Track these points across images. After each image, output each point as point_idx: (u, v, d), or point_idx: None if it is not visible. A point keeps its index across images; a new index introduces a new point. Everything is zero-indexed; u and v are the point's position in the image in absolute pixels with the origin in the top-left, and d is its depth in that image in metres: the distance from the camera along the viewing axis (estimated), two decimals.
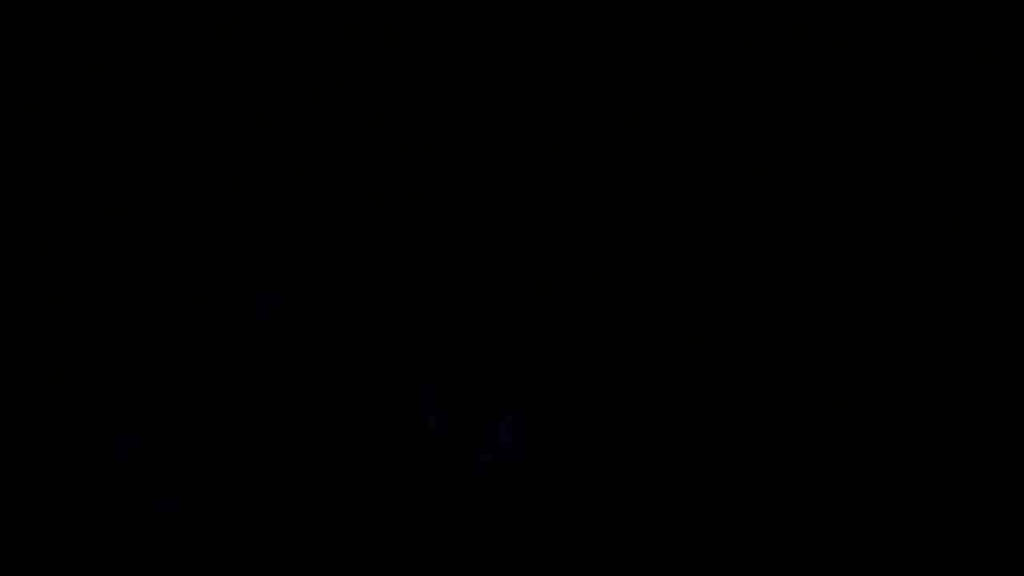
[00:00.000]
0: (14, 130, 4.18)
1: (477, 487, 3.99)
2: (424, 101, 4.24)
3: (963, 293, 4.10)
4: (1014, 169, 4.15)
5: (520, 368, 4.11)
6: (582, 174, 4.22)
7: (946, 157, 4.18)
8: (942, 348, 4.07)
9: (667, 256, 4.17)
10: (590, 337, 4.13)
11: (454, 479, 4.00)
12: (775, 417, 4.05)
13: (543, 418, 4.07)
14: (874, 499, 3.98)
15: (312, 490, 3.99)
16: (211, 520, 3.95)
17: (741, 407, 4.06)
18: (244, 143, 4.22)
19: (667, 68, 4.22)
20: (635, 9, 4.23)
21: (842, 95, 4.21)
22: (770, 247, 4.16)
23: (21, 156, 4.17)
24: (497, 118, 4.23)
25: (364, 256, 4.18)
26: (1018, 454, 3.98)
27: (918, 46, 4.20)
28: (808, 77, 4.21)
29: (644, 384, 4.09)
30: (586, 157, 4.22)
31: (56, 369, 4.06)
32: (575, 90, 4.23)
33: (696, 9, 4.22)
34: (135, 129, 4.21)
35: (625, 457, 4.04)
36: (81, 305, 4.11)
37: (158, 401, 4.05)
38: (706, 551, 3.95)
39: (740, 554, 3.95)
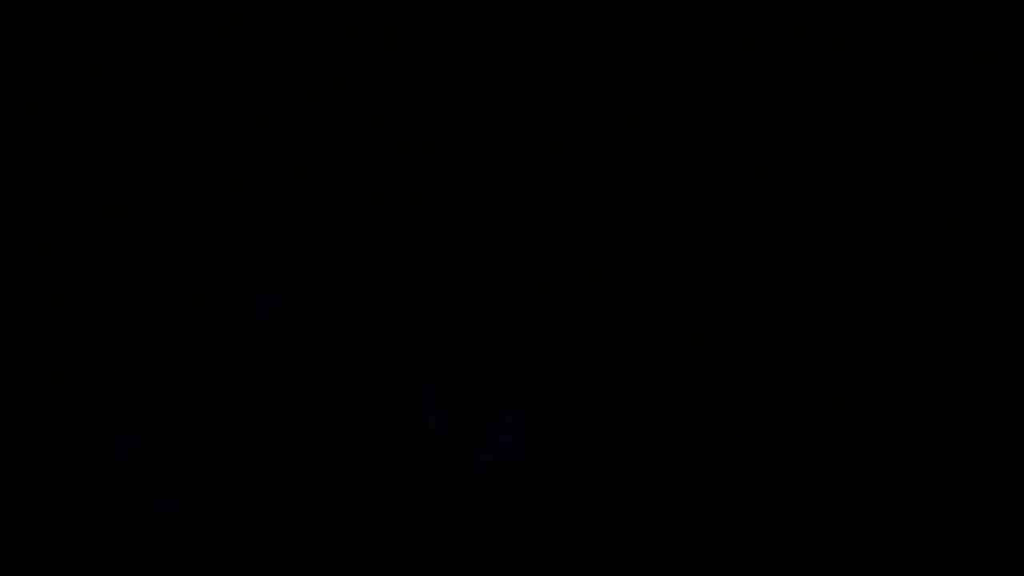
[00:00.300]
0: (13, 130, 4.19)
1: (477, 487, 4.00)
2: (424, 102, 4.25)
3: (963, 293, 4.11)
4: (1014, 169, 4.16)
5: (520, 368, 4.12)
6: (582, 174, 4.23)
7: (946, 157, 4.18)
8: (942, 348, 4.08)
9: (667, 256, 4.17)
10: (590, 337, 4.13)
11: (454, 479, 4.01)
12: (775, 417, 4.06)
13: (543, 418, 4.08)
14: (874, 499, 3.98)
15: (312, 490, 4.00)
16: (211, 520, 3.96)
17: (741, 407, 4.07)
18: (244, 143, 4.23)
19: (667, 68, 4.23)
20: (635, 9, 4.24)
21: (842, 95, 4.21)
22: (770, 247, 4.17)
23: (21, 156, 4.18)
24: (497, 119, 4.24)
25: (364, 256, 4.19)
26: (1018, 454, 3.98)
27: (918, 46, 4.21)
28: (808, 77, 4.22)
29: (644, 384, 4.10)
30: (586, 157, 4.23)
31: (56, 369, 4.07)
32: (575, 90, 4.24)
33: (696, 9, 4.23)
34: (135, 130, 4.22)
35: (625, 457, 4.04)
36: (81, 305, 4.12)
37: (158, 401, 4.06)
38: (706, 551, 3.95)
39: (740, 554, 3.96)
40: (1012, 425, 4.01)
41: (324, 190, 4.22)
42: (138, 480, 3.98)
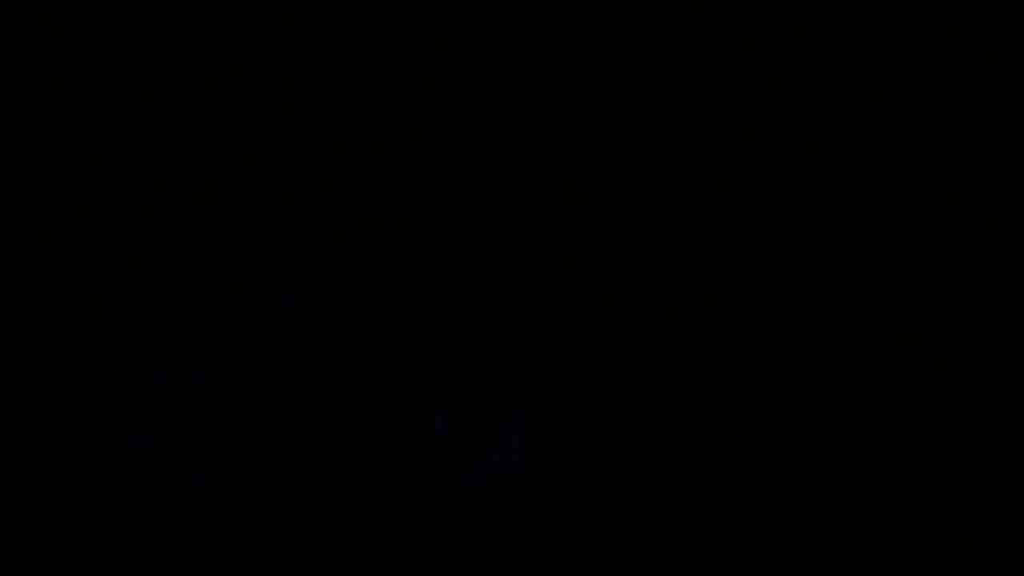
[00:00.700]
0: (73, 130, 4.20)
1: (476, 500, 4.01)
2: (443, 118, 4.24)
3: (963, 293, 4.07)
4: (1014, 169, 4.11)
5: (522, 379, 4.11)
6: (587, 187, 4.19)
7: (946, 157, 4.13)
8: (942, 348, 4.05)
9: (668, 264, 4.14)
10: (592, 348, 4.12)
11: (454, 489, 4.01)
12: (778, 426, 4.04)
13: (544, 431, 4.08)
14: (874, 499, 3.96)
15: (316, 492, 4.01)
16: (217, 518, 3.98)
17: (745, 418, 4.07)
18: (259, 153, 4.24)
19: (667, 68, 4.19)
20: (634, 9, 4.24)
21: (842, 95, 4.16)
22: (771, 251, 4.14)
23: (58, 156, 4.20)
24: (502, 130, 4.21)
25: (371, 261, 4.18)
26: (1018, 454, 3.98)
27: (918, 46, 4.19)
28: (808, 77, 4.16)
29: (647, 394, 4.09)
30: (588, 170, 4.20)
31: (73, 367, 4.08)
32: (578, 97, 4.21)
33: (696, 9, 4.22)
34: (154, 147, 4.24)
35: (627, 469, 4.05)
36: (95, 310, 4.14)
37: (169, 403, 4.09)
38: (710, 566, 3.96)
39: (743, 567, 3.97)
40: (1012, 425, 3.99)
41: (335, 198, 4.21)
42: (149, 479, 4.01)
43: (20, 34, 4.18)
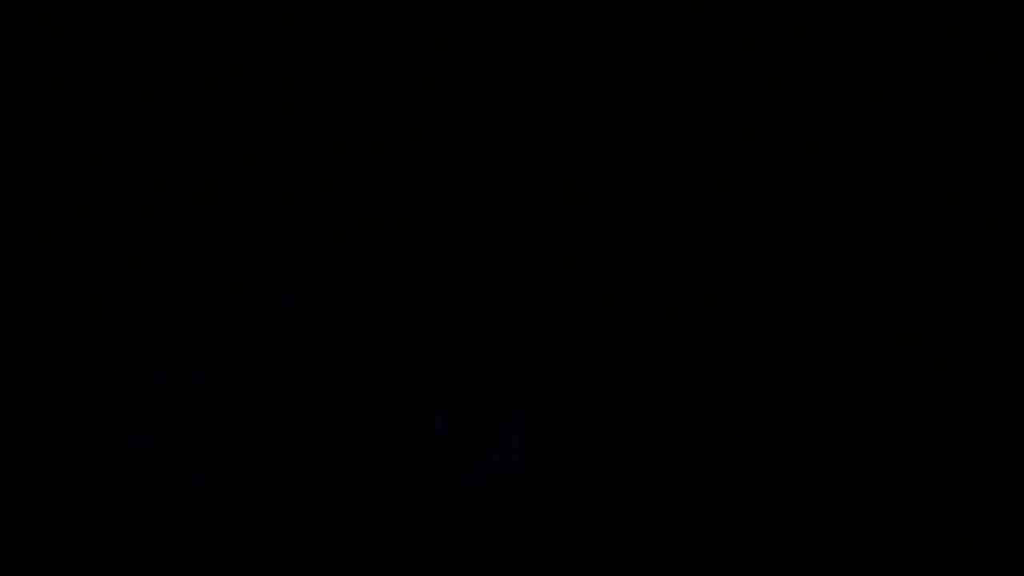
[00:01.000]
0: (73, 130, 4.21)
1: (476, 500, 4.01)
2: (443, 118, 4.25)
3: (963, 293, 4.08)
4: (1014, 169, 4.11)
5: (521, 382, 4.12)
6: (587, 187, 4.21)
7: (946, 157, 4.14)
8: (942, 348, 4.05)
9: (668, 264, 4.14)
10: (592, 348, 4.13)
11: (454, 490, 4.02)
12: (779, 429, 4.06)
13: (544, 431, 4.08)
14: (874, 499, 3.97)
15: (316, 492, 4.02)
16: (216, 518, 3.99)
17: (745, 418, 4.07)
18: (259, 153, 4.25)
19: (666, 68, 4.20)
20: (634, 8, 4.23)
21: (842, 95, 4.16)
22: (770, 251, 4.14)
23: (58, 156, 4.21)
24: (502, 131, 4.23)
25: (371, 264, 4.19)
26: (1018, 454, 3.98)
27: (917, 46, 4.20)
28: (808, 77, 4.17)
29: (646, 394, 4.09)
30: (589, 169, 4.21)
31: (73, 367, 4.08)
32: (578, 98, 4.22)
33: (696, 9, 4.23)
34: (155, 151, 4.25)
35: (626, 468, 4.05)
36: (95, 310, 4.14)
37: (169, 403, 4.09)
38: (710, 566, 3.96)
39: (744, 569, 3.97)
40: (1012, 425, 3.99)
41: (336, 197, 4.22)
42: (149, 479, 4.01)
43: (20, 34, 4.19)
